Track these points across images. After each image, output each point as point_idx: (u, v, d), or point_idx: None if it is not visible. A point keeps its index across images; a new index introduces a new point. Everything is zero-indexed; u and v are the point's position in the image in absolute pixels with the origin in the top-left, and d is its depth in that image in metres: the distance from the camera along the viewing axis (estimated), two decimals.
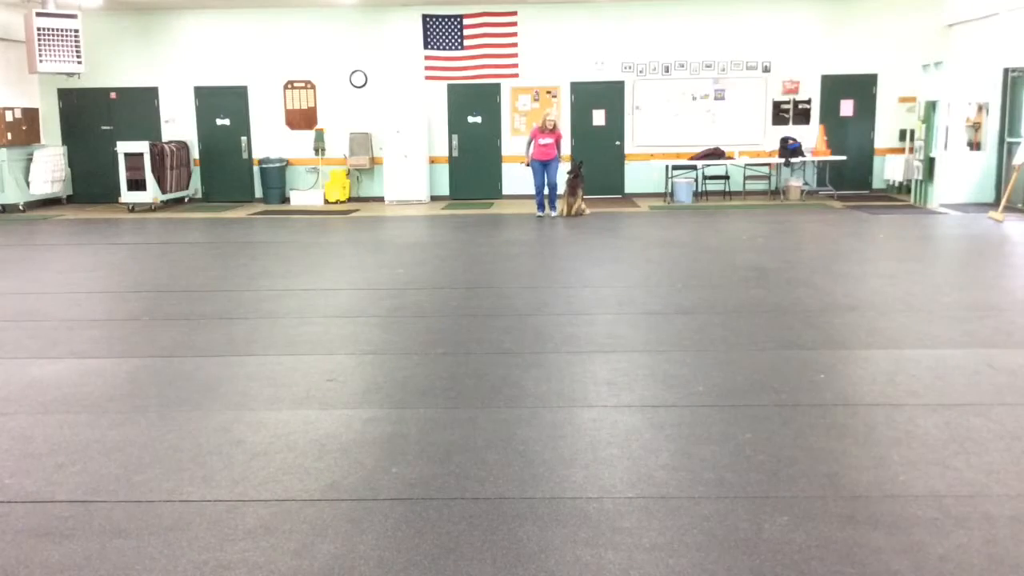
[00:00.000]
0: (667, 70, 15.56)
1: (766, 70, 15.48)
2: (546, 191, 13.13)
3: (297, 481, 3.69)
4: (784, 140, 14.79)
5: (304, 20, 15.58)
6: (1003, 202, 12.22)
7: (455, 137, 15.91)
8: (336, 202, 15.58)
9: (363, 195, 16.02)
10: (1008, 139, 13.49)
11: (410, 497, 3.51)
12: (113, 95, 15.96)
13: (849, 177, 15.46)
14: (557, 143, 13.08)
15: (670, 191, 14.98)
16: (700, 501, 3.43)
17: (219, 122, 16.03)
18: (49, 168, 15.23)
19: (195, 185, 16.13)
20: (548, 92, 15.70)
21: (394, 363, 5.47)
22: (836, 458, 3.84)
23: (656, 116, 15.68)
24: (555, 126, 13.15)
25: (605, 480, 3.65)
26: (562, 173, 13.59)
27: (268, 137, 16.01)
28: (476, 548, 3.10)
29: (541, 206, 13.25)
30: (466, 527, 3.26)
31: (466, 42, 15.56)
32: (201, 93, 15.96)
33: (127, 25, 15.72)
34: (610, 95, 15.66)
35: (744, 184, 15.29)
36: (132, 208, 14.76)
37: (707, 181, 15.22)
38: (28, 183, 14.90)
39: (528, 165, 13.20)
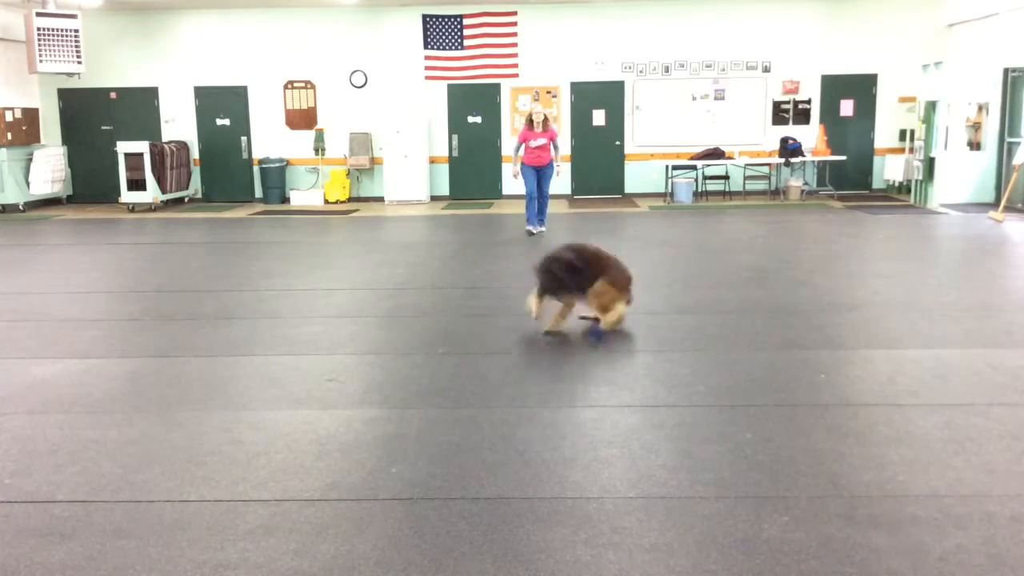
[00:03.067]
0: (667, 70, 15.56)
1: (766, 70, 15.48)
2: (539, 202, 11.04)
3: (297, 481, 3.68)
4: (784, 140, 14.78)
5: (304, 20, 15.58)
6: (1003, 202, 12.22)
7: (455, 137, 15.90)
8: (336, 202, 15.58)
9: (363, 195, 16.02)
10: (1008, 139, 13.49)
11: (410, 497, 3.51)
12: (113, 95, 15.96)
13: (849, 177, 15.45)
14: (552, 143, 10.85)
15: (670, 191, 14.98)
16: (700, 501, 3.43)
17: (219, 122, 16.02)
18: (49, 168, 15.24)
19: (195, 185, 16.13)
20: (548, 92, 15.69)
21: (394, 363, 5.47)
22: (836, 458, 3.84)
23: (656, 116, 15.68)
24: (546, 120, 10.80)
25: (605, 480, 3.64)
26: (556, 182, 11.53)
27: (268, 137, 16.01)
28: (476, 548, 3.10)
29: (532, 220, 11.05)
30: (466, 527, 3.25)
31: (466, 42, 15.55)
32: (201, 93, 15.96)
33: (127, 25, 15.72)
34: (610, 95, 15.66)
35: (744, 184, 15.28)
36: (132, 208, 14.76)
37: (707, 181, 15.23)
38: (28, 183, 14.91)
39: (517, 176, 10.94)
